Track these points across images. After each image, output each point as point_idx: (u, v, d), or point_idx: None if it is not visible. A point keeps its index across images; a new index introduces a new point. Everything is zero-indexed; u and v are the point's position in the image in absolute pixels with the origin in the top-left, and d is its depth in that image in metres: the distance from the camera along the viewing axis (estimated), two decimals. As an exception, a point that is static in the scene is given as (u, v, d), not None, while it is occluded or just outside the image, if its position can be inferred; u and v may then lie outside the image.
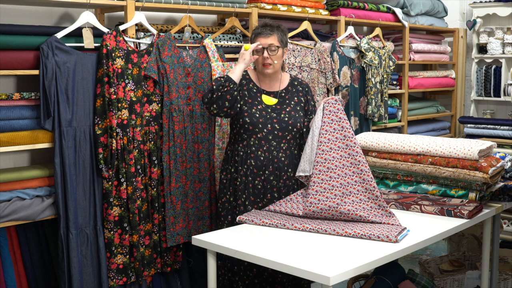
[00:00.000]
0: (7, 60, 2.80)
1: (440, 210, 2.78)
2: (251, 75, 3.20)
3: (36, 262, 3.10)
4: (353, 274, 2.15)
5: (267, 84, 3.18)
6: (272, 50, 3.06)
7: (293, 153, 3.14)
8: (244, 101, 3.10)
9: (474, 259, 3.95)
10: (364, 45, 4.45)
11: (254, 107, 3.09)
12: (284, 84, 3.21)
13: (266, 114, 3.09)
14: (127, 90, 3.13)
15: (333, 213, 2.66)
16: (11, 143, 2.83)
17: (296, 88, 3.22)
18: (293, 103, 3.16)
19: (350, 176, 2.73)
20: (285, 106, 3.14)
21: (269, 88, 3.17)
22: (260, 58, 3.08)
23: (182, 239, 3.36)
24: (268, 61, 3.06)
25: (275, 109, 3.12)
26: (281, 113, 3.10)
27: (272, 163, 3.07)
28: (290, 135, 3.11)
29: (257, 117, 3.06)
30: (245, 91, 3.13)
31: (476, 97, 5.72)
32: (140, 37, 3.31)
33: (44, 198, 2.98)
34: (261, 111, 3.09)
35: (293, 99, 3.17)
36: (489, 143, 2.97)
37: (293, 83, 3.23)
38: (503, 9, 5.45)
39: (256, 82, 3.18)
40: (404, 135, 3.18)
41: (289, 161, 3.11)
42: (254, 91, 3.14)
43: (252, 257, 2.30)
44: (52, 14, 3.29)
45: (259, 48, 3.06)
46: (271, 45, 3.05)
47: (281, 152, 3.09)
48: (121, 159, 3.10)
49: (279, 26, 3.12)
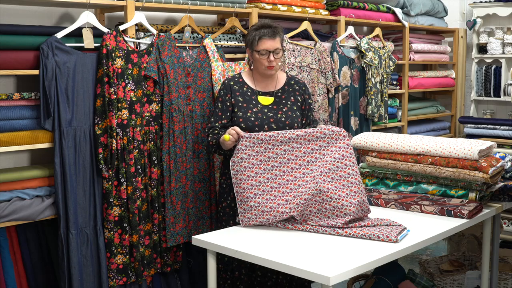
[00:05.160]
0: (7, 60, 2.80)
1: (440, 210, 2.78)
2: (245, 77, 3.15)
3: (36, 262, 3.10)
4: (353, 274, 2.15)
5: (263, 84, 3.14)
6: (277, 53, 3.04)
7: None
8: (238, 107, 3.05)
9: (474, 259, 3.95)
10: (364, 45, 4.45)
11: (249, 110, 3.05)
12: (280, 83, 3.18)
13: (262, 115, 3.05)
14: (127, 90, 3.13)
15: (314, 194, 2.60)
16: (11, 143, 2.83)
17: (293, 88, 3.18)
18: (290, 103, 3.13)
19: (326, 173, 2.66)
20: (281, 106, 3.11)
21: (264, 89, 3.14)
22: (265, 61, 3.03)
23: (182, 239, 3.36)
24: (273, 63, 3.04)
25: (272, 109, 3.09)
26: (277, 113, 3.07)
27: None
28: None
29: (252, 121, 3.02)
30: (238, 97, 3.08)
31: (476, 97, 5.72)
32: (140, 37, 3.31)
33: (44, 198, 2.98)
34: (256, 113, 3.05)
35: (289, 99, 3.14)
36: (489, 143, 2.97)
37: (290, 82, 3.20)
38: (503, 9, 5.45)
39: (251, 84, 3.13)
40: (404, 135, 3.18)
41: None
42: (249, 94, 3.11)
43: (252, 257, 2.30)
44: (52, 14, 3.29)
45: (264, 52, 3.02)
46: (276, 49, 3.03)
47: None
48: (121, 159, 3.10)
49: (277, 27, 3.10)
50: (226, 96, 3.09)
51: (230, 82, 3.13)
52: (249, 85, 3.13)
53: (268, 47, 3.01)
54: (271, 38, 3.02)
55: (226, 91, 3.10)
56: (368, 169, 3.23)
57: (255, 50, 3.04)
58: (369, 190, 3.13)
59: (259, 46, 3.02)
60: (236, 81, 3.13)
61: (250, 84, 3.14)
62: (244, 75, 3.18)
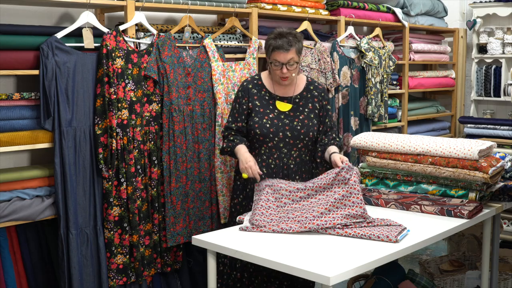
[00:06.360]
0: (7, 60, 2.80)
1: (440, 210, 2.78)
2: (264, 80, 3.13)
3: (36, 262, 3.10)
4: (353, 274, 2.15)
5: (282, 89, 3.11)
6: (290, 65, 2.98)
7: (303, 160, 3.10)
8: (255, 112, 3.04)
9: (474, 259, 3.95)
10: (364, 45, 4.45)
11: (266, 116, 3.04)
12: (300, 88, 3.13)
13: (278, 121, 3.03)
14: (127, 90, 3.13)
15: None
16: (11, 143, 2.83)
17: (312, 94, 3.13)
18: (307, 110, 3.09)
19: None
20: (298, 114, 3.07)
21: (283, 94, 3.11)
22: (278, 72, 2.99)
23: (182, 239, 3.36)
24: (287, 75, 2.99)
25: (288, 115, 3.06)
26: (294, 120, 3.05)
27: (282, 170, 3.06)
28: (301, 144, 3.07)
29: (267, 127, 3.01)
30: (256, 101, 3.07)
31: (476, 97, 5.72)
32: (140, 37, 3.31)
33: (44, 198, 2.98)
34: (272, 119, 3.03)
35: (307, 106, 3.10)
36: (489, 143, 2.97)
37: (309, 87, 3.14)
38: (503, 9, 5.45)
39: (270, 88, 3.11)
40: (404, 135, 3.17)
41: (297, 168, 3.08)
42: (267, 98, 3.09)
43: (252, 257, 2.30)
44: (52, 14, 3.29)
45: (277, 63, 2.97)
46: (290, 60, 2.96)
47: (291, 159, 3.06)
48: (121, 159, 3.10)
49: (295, 35, 3.00)
50: (243, 99, 3.09)
51: (248, 85, 3.11)
52: (268, 89, 3.11)
53: (281, 59, 2.96)
54: (285, 51, 2.94)
55: (243, 94, 3.10)
56: (368, 169, 3.23)
57: (269, 58, 3.02)
58: (369, 190, 3.13)
59: (272, 57, 2.99)
60: (254, 84, 3.11)
61: (268, 87, 3.11)
62: (263, 77, 3.15)
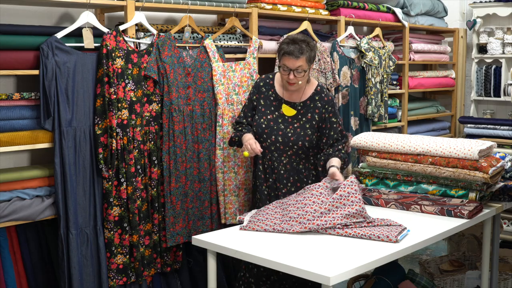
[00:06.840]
0: (7, 60, 2.80)
1: (440, 210, 2.78)
2: (276, 81, 3.15)
3: (36, 262, 3.10)
4: (353, 274, 2.15)
5: (289, 93, 3.13)
6: (298, 72, 2.97)
7: (295, 168, 3.11)
8: (258, 109, 3.09)
9: (474, 259, 3.95)
10: (364, 45, 4.45)
11: (264, 116, 3.07)
12: (306, 96, 3.13)
13: (274, 124, 3.05)
14: (127, 90, 3.13)
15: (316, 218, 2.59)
16: (11, 143, 2.83)
17: (315, 104, 3.11)
18: (304, 120, 3.09)
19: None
20: (295, 121, 3.09)
21: (289, 98, 3.13)
22: (286, 77, 3.00)
23: (182, 239, 3.36)
24: (293, 81, 3.00)
25: (287, 121, 3.08)
26: (288, 127, 3.07)
27: (272, 173, 3.10)
28: (291, 151, 3.08)
29: (262, 128, 3.05)
30: (261, 99, 3.10)
31: (476, 97, 5.72)
32: (140, 37, 3.31)
33: (44, 198, 2.98)
34: (269, 121, 3.06)
35: (306, 116, 3.10)
36: (489, 143, 2.97)
37: (314, 97, 3.12)
38: (503, 9, 5.45)
39: (278, 90, 3.13)
40: (404, 135, 3.17)
41: (288, 175, 3.10)
42: (272, 99, 3.11)
43: (252, 257, 2.30)
44: (52, 14, 3.29)
45: (285, 68, 2.97)
46: (298, 68, 2.96)
47: (281, 165, 3.09)
48: (121, 159, 3.10)
49: (308, 43, 2.98)
50: (254, 95, 3.17)
51: (260, 83, 3.18)
52: (276, 91, 3.13)
53: (290, 65, 2.96)
54: (295, 58, 2.93)
55: (255, 91, 3.18)
56: (368, 169, 3.23)
57: (279, 62, 3.04)
58: (369, 190, 3.13)
59: (282, 61, 3.01)
60: (266, 83, 3.16)
61: (278, 89, 3.14)
62: (277, 78, 3.17)
